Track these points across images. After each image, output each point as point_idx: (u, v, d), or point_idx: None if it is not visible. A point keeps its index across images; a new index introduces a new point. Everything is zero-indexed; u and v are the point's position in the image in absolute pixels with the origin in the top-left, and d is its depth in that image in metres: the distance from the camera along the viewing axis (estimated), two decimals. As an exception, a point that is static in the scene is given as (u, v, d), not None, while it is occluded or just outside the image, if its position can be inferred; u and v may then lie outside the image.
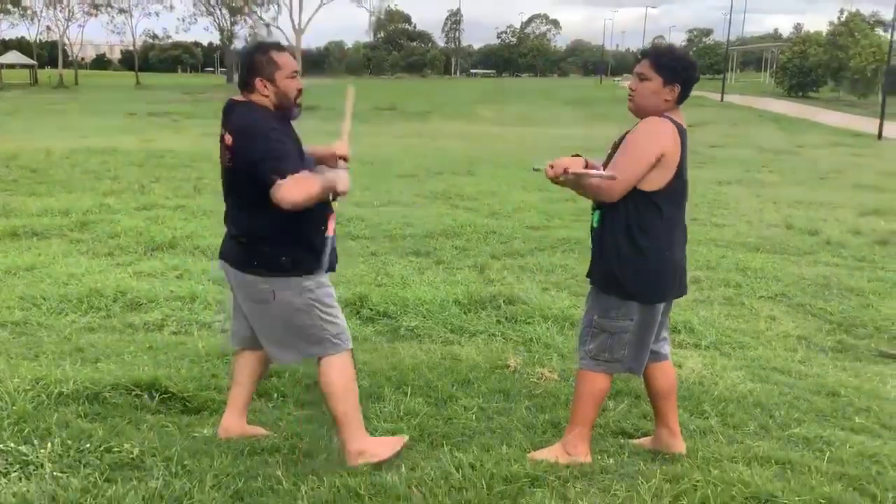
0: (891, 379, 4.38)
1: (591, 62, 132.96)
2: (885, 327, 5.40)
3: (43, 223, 8.07)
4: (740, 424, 3.56)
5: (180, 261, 6.75)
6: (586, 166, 3.05)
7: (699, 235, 8.44)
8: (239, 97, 2.99)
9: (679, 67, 3.01)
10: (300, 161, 2.90)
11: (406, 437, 3.18)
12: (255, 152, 2.78)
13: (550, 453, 3.13)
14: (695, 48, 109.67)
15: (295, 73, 2.97)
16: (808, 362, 4.62)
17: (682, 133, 3.03)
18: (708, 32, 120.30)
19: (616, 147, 3.09)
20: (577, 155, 3.06)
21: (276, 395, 3.72)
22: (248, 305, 3.02)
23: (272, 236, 2.90)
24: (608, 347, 3.06)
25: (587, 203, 3.18)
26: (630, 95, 3.10)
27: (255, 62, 2.92)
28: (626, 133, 3.06)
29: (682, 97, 3.05)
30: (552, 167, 2.97)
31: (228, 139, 2.86)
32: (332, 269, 3.07)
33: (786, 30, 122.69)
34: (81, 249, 7.17)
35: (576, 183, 3.01)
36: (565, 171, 2.95)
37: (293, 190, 2.72)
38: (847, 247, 8.02)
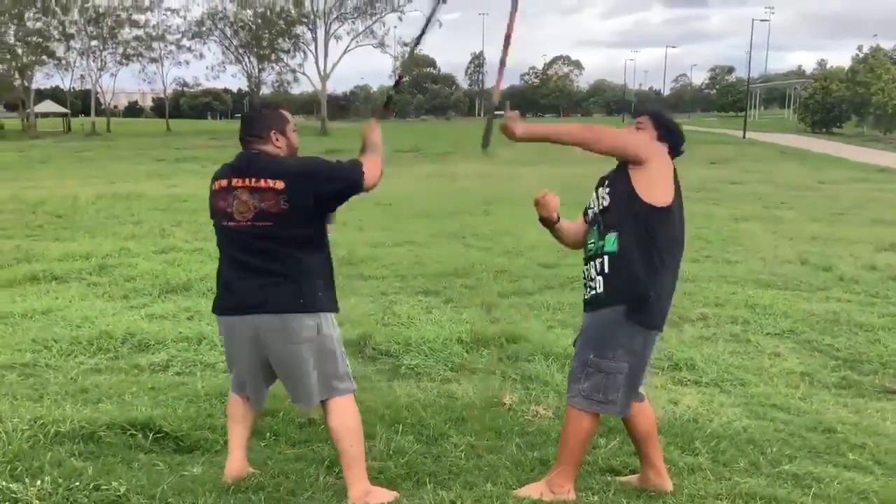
0: (892, 415, 4.31)
1: (614, 101, 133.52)
2: (892, 363, 5.32)
3: (63, 267, 8.25)
4: (731, 462, 3.54)
5: (193, 302, 6.86)
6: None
7: (710, 272, 8.42)
8: (257, 148, 3.12)
9: (674, 131, 3.26)
10: None
11: (398, 495, 3.18)
12: (325, 174, 3.03)
13: (535, 490, 3.14)
14: (717, 86, 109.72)
15: (295, 129, 3.23)
16: (808, 399, 4.57)
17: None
18: (730, 70, 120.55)
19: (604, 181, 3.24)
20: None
21: (269, 434, 3.77)
22: (285, 349, 3.04)
23: (318, 272, 3.06)
24: (602, 388, 3.03)
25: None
26: None
27: (270, 116, 3.16)
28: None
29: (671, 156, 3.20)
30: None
31: (279, 184, 2.97)
32: None
33: (809, 66, 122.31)
34: (98, 293, 7.32)
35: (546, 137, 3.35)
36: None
37: (373, 169, 3.08)
38: (861, 282, 7.94)
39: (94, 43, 69.72)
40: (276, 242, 3.01)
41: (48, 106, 73.76)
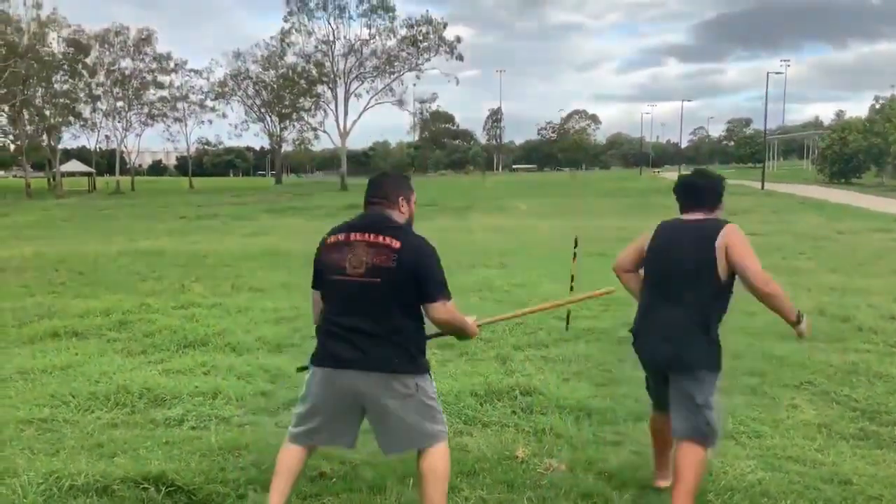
0: (911, 466, 4.25)
1: (631, 154, 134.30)
2: (912, 413, 5.25)
3: (84, 324, 8.36)
4: (744, 514, 3.50)
5: (209, 357, 6.91)
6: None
7: (729, 323, 8.32)
8: (383, 211, 3.28)
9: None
10: None
11: None
12: (438, 273, 3.21)
13: None
14: (735, 138, 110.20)
15: (415, 199, 3.41)
16: (825, 451, 4.51)
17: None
18: (748, 122, 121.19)
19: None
20: None
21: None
22: (388, 404, 3.17)
23: (421, 338, 3.28)
24: (716, 423, 3.52)
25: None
26: None
27: (400, 181, 3.37)
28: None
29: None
30: None
31: (395, 243, 3.14)
32: None
33: (827, 118, 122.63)
34: (117, 348, 7.40)
35: None
36: None
37: (456, 313, 3.33)
38: (880, 332, 7.85)
39: (119, 104, 71.53)
40: (382, 300, 3.13)
41: (74, 165, 75.32)
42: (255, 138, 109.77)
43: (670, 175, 73.34)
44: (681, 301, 3.52)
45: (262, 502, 3.60)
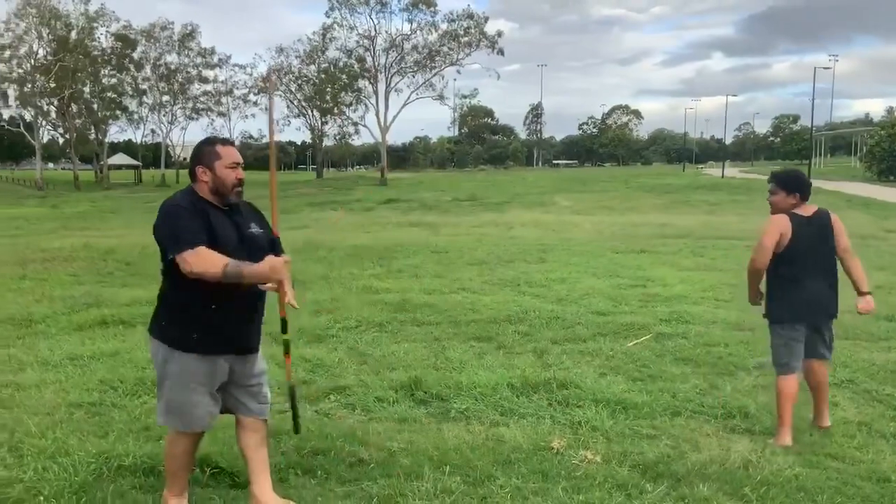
0: (953, 466, 4.19)
1: (674, 150, 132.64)
2: (957, 413, 5.17)
3: (130, 312, 8.58)
4: (780, 509, 3.50)
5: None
6: None
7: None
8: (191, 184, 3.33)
9: (796, 183, 4.83)
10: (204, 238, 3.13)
11: None
12: (163, 229, 3.20)
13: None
14: (781, 134, 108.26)
15: (235, 164, 3.29)
16: (864, 448, 4.48)
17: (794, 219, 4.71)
18: (795, 119, 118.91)
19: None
20: None
21: (319, 472, 3.88)
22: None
23: (174, 306, 3.42)
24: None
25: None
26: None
27: (198, 152, 3.32)
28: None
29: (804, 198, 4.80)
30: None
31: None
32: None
33: (878, 114, 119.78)
34: (162, 336, 7.59)
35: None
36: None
37: (201, 261, 3.09)
38: (926, 332, 7.71)
39: (165, 98, 72.82)
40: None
41: (121, 158, 76.95)
42: (296, 133, 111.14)
43: (714, 171, 72.33)
44: (826, 272, 4.72)
45: (301, 485, 3.70)
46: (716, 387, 5.79)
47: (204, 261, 3.04)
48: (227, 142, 3.36)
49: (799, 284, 4.67)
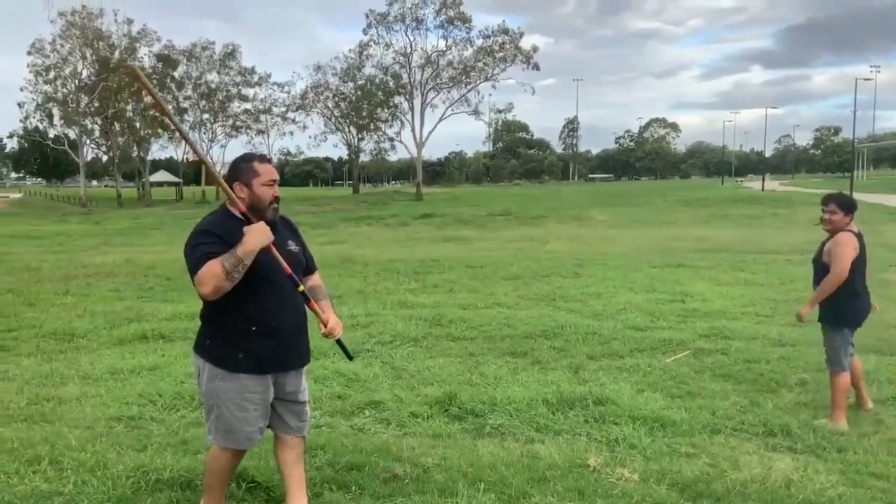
0: None
1: (713, 163, 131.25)
2: None
3: (171, 327, 8.71)
4: (823, 530, 3.41)
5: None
6: None
7: (811, 337, 8.09)
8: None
9: (850, 206, 5.37)
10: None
11: None
12: (186, 253, 3.13)
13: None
14: (822, 147, 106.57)
15: (272, 181, 3.27)
16: (911, 468, 4.35)
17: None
18: (836, 131, 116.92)
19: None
20: None
21: (354, 487, 3.87)
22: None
23: (215, 326, 3.34)
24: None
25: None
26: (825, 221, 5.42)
27: (235, 168, 3.30)
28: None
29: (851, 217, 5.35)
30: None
31: None
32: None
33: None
34: (200, 351, 7.67)
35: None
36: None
37: (203, 277, 3.02)
38: (975, 349, 7.49)
39: (205, 116, 74.09)
40: None
41: (162, 175, 78.31)
42: (333, 149, 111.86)
43: (754, 185, 71.33)
44: (865, 284, 5.46)
45: (336, 501, 3.70)
46: (756, 404, 5.67)
47: (206, 280, 2.99)
48: (264, 158, 3.35)
49: (857, 295, 5.35)
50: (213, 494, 3.36)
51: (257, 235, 3.05)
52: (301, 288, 3.28)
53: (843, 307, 5.32)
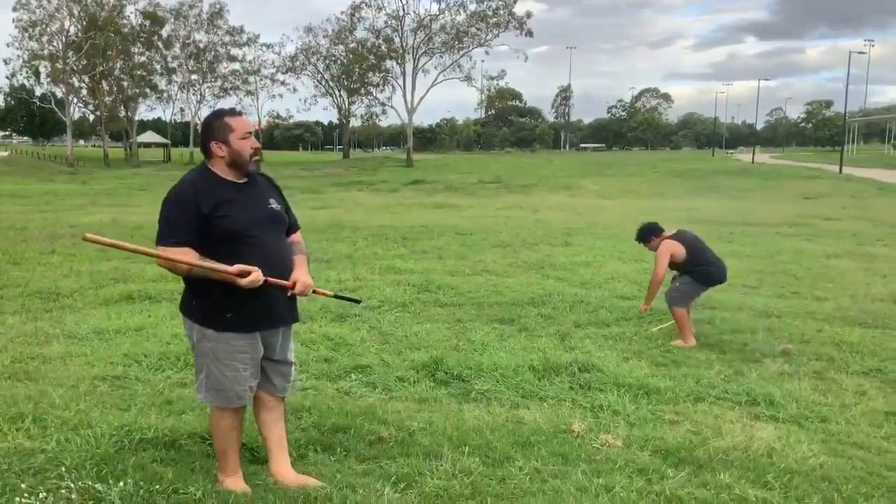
0: (983, 458, 4.10)
1: (704, 134, 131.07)
2: None
3: (157, 288, 8.65)
4: (803, 497, 3.44)
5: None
6: None
7: (796, 308, 8.18)
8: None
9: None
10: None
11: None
12: (159, 217, 3.14)
13: None
14: (814, 120, 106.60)
15: (248, 133, 3.22)
16: (892, 438, 4.39)
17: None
18: (828, 104, 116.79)
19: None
20: None
21: (339, 449, 3.88)
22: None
23: (196, 284, 3.28)
24: None
25: None
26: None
27: (209, 127, 3.23)
28: None
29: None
30: None
31: None
32: None
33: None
34: (187, 312, 7.64)
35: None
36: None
37: (169, 256, 3.07)
38: (958, 322, 7.56)
39: (194, 77, 73.20)
40: None
41: (150, 136, 77.56)
42: (323, 113, 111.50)
43: (744, 157, 71.38)
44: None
45: (321, 462, 3.71)
46: (741, 373, 5.72)
47: (168, 261, 3.07)
48: (234, 112, 3.28)
49: (711, 264, 7.03)
50: (227, 459, 3.32)
51: (247, 284, 3.06)
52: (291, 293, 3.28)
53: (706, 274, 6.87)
